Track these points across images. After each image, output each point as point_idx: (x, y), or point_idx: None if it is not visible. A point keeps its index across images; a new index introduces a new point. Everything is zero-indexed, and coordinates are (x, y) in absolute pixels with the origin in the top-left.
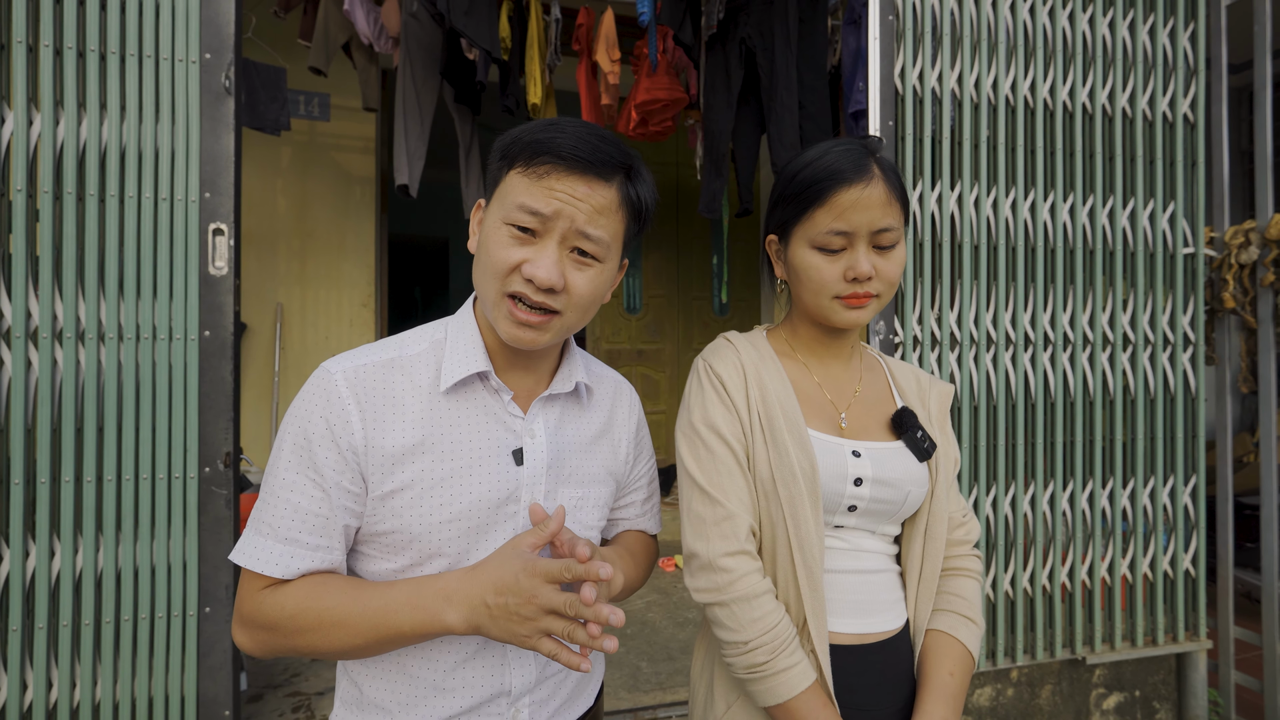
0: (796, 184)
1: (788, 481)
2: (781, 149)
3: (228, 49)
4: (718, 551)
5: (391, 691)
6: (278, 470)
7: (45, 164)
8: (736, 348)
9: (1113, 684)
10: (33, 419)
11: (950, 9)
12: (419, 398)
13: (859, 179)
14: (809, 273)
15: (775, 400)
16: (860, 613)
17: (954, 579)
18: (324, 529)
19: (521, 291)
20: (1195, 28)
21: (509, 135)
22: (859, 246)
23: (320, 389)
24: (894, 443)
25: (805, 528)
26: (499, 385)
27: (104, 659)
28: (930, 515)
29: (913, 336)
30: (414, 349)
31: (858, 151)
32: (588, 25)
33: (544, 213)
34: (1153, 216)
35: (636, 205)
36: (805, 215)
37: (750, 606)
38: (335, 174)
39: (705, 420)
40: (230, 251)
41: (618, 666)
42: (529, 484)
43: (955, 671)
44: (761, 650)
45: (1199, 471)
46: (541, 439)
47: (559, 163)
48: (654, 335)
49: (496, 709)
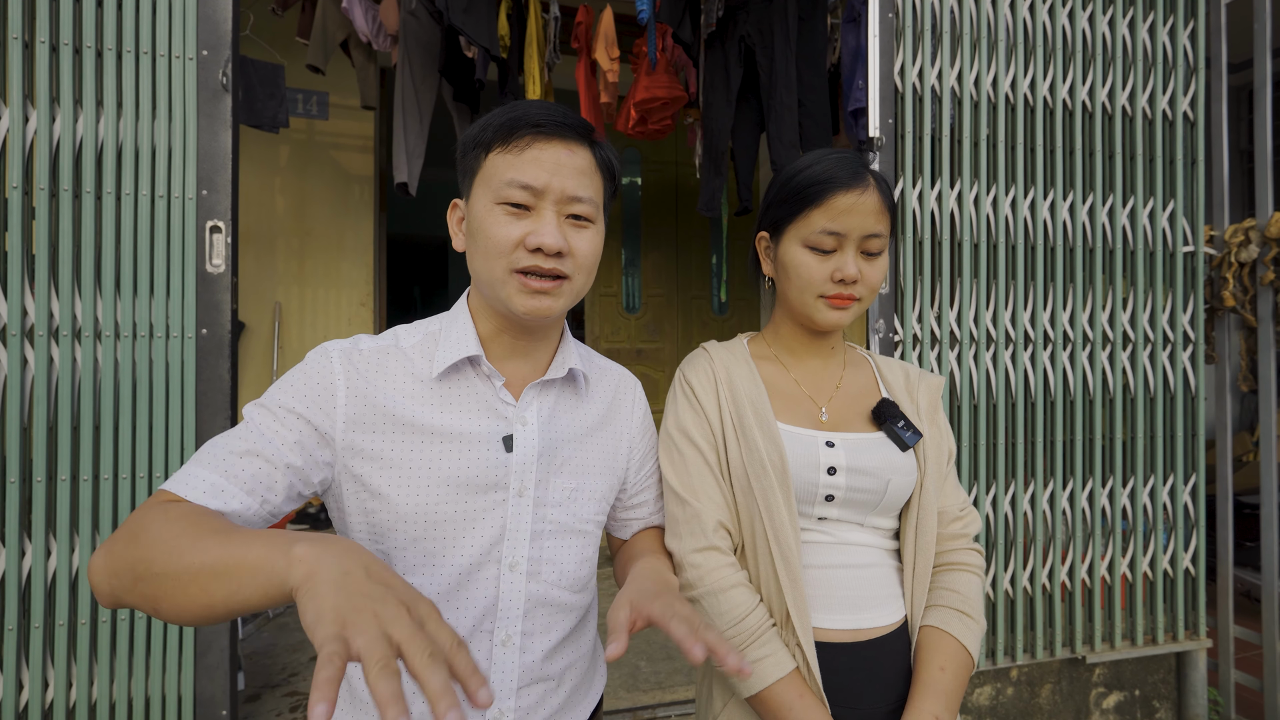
0: (794, 185)
1: (759, 474)
2: (781, 147)
3: (225, 46)
4: (688, 548)
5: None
6: (250, 418)
7: (42, 161)
8: (710, 355)
9: (1112, 683)
10: (29, 417)
11: (950, 7)
12: (410, 383)
13: (856, 185)
14: (799, 270)
15: (745, 398)
16: (852, 608)
17: (950, 573)
18: (259, 475)
19: (531, 265)
20: (1195, 26)
21: (475, 126)
22: (848, 249)
23: (315, 363)
24: (875, 433)
25: (779, 518)
26: (490, 371)
27: (100, 658)
28: (920, 507)
29: (912, 335)
30: (409, 340)
31: (855, 160)
32: (587, 23)
33: (534, 185)
34: (1153, 215)
35: (609, 167)
36: (800, 215)
37: (718, 600)
38: (334, 172)
39: (678, 426)
40: (227, 249)
41: (617, 666)
42: (519, 471)
43: (946, 666)
44: (732, 642)
45: (1199, 470)
46: (533, 426)
47: (537, 131)
48: (653, 334)
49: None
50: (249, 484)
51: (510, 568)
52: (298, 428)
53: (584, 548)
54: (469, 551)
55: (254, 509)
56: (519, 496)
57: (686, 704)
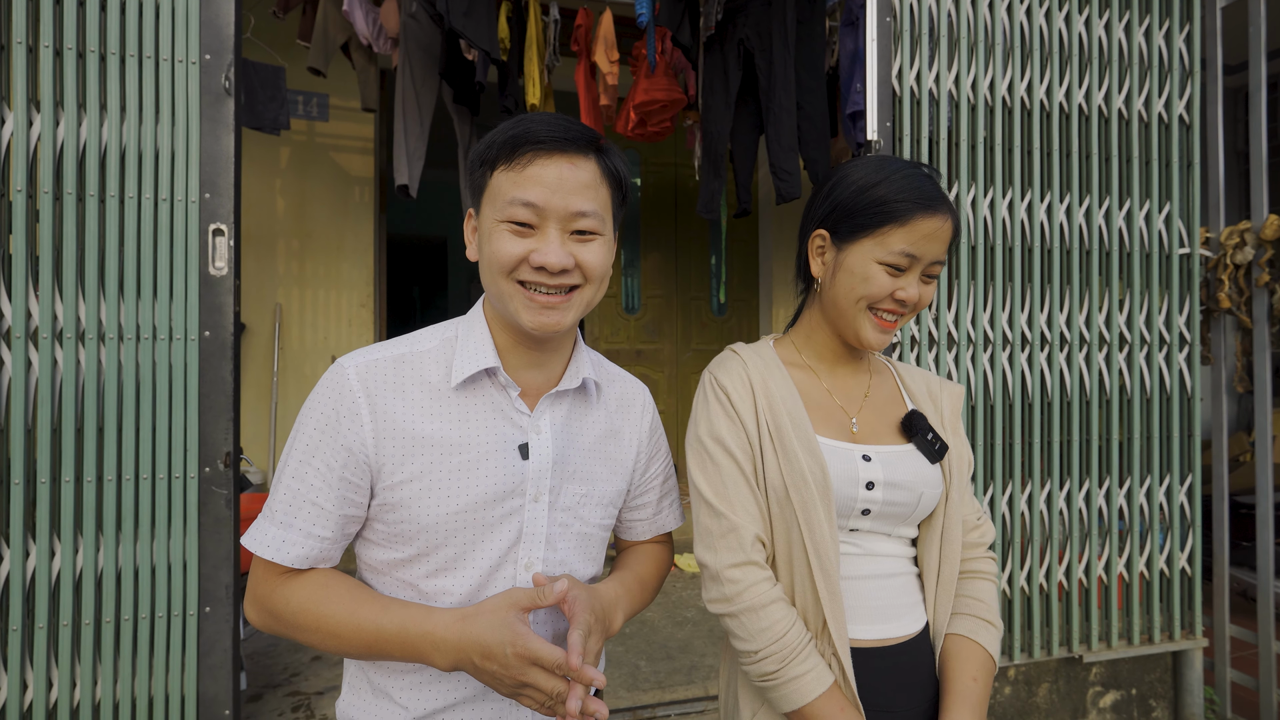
0: (877, 196)
1: (800, 488)
2: (779, 150)
3: (227, 50)
4: (724, 563)
5: (398, 678)
6: (290, 460)
7: (45, 164)
8: (743, 359)
9: (1109, 682)
10: (33, 419)
11: (947, 10)
12: (428, 393)
13: (941, 210)
14: (867, 283)
15: (783, 409)
16: (880, 618)
17: (971, 581)
18: (321, 519)
19: (534, 280)
20: (1191, 29)
21: (483, 142)
22: (916, 271)
23: (333, 384)
24: (905, 446)
25: (820, 532)
26: (507, 381)
27: (104, 658)
28: (946, 518)
29: (911, 337)
30: (425, 345)
31: (936, 182)
32: (586, 26)
33: (536, 204)
34: (1149, 217)
35: (616, 175)
36: (881, 228)
37: (758, 616)
38: (334, 174)
39: (711, 434)
40: (230, 252)
41: (617, 666)
42: (534, 479)
43: (979, 677)
44: (771, 659)
45: (1195, 471)
46: (547, 435)
47: (538, 148)
48: (652, 335)
49: (498, 696)
50: (336, 537)
51: (526, 568)
52: (340, 463)
53: (593, 550)
54: (489, 556)
55: (340, 546)
56: (535, 502)
57: (686, 704)
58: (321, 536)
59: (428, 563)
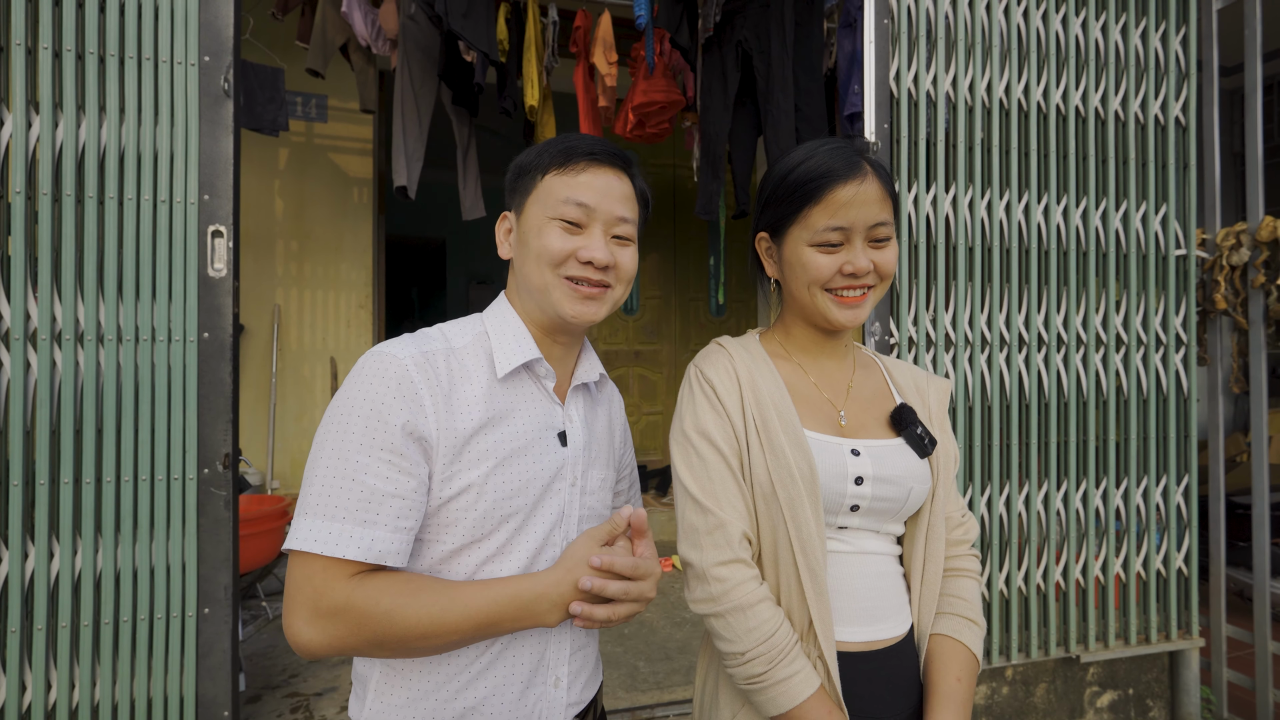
0: (789, 183)
1: (786, 484)
2: (778, 151)
3: (226, 52)
4: (711, 561)
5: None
6: (347, 453)
7: (44, 166)
8: (729, 352)
9: (1106, 682)
10: (32, 420)
11: (944, 13)
12: (478, 383)
13: (853, 176)
14: (806, 269)
15: (769, 403)
16: (868, 619)
17: (954, 579)
18: (404, 511)
19: (580, 275)
20: (1187, 31)
21: (530, 153)
22: (856, 242)
23: (390, 372)
24: (894, 440)
25: (806, 530)
26: (546, 372)
27: (103, 660)
28: (932, 514)
29: (908, 338)
30: (459, 341)
31: (848, 148)
32: (585, 28)
33: (589, 204)
34: (1145, 219)
35: (644, 195)
36: (800, 213)
37: (745, 616)
38: (333, 176)
39: (697, 427)
40: (229, 253)
41: (616, 666)
42: (572, 463)
43: (962, 677)
44: (759, 660)
45: (1191, 471)
46: (578, 423)
47: (592, 158)
48: (651, 336)
49: (540, 679)
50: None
51: (562, 549)
52: (407, 450)
53: None
54: (534, 540)
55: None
56: (571, 486)
57: (685, 704)
58: (409, 528)
59: (480, 550)
